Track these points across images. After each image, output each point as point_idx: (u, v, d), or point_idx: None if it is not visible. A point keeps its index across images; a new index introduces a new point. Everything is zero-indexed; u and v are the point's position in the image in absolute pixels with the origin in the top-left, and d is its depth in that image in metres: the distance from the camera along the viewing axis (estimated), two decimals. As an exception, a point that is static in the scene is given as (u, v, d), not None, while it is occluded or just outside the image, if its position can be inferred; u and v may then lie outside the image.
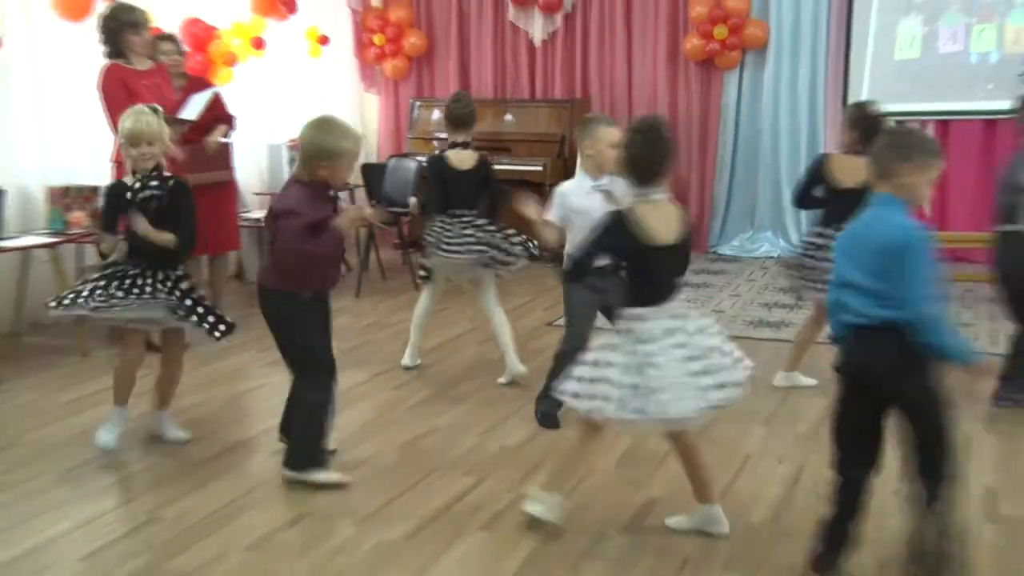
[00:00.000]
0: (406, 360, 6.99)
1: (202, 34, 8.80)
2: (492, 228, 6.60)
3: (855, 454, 3.93)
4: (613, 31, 10.94)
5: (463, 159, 6.60)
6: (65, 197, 7.32)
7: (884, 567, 4.09)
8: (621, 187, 5.55)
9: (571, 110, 10.24)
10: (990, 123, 9.82)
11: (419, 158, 10.15)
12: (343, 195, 6.74)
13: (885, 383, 3.84)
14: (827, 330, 6.40)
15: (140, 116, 5.26)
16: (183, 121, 7.20)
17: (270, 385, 6.29)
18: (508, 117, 10.61)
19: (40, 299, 7.43)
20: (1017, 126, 6.33)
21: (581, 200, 5.57)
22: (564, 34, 11.09)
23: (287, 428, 5.25)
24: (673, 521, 4.55)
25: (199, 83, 7.72)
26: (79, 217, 7.17)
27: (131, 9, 7.11)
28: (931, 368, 3.83)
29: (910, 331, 3.71)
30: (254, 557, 4.28)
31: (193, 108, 7.33)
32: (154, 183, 5.26)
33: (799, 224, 10.52)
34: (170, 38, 7.82)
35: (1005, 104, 9.29)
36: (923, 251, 3.72)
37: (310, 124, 5.04)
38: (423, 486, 4.98)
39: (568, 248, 5.62)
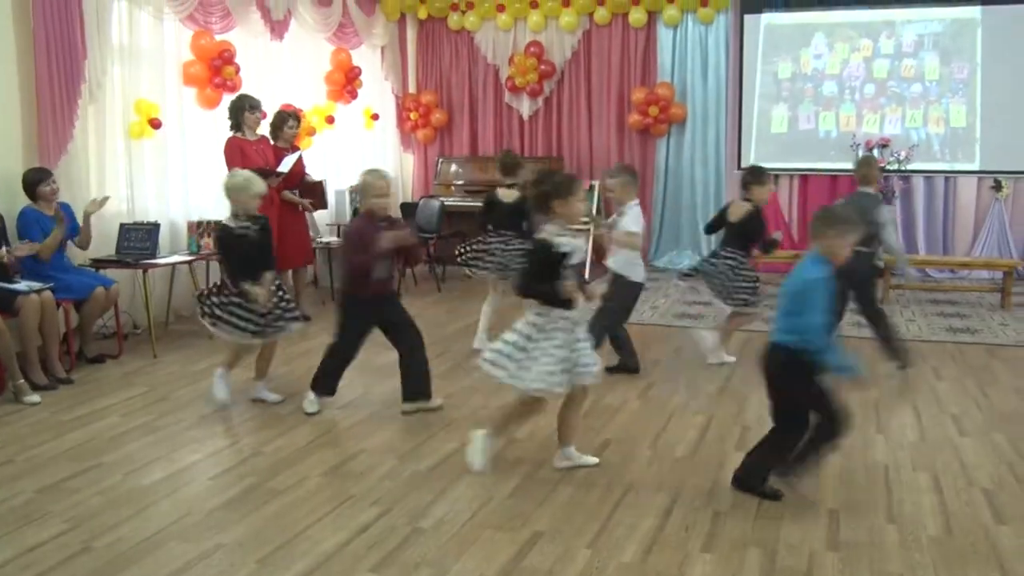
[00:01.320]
0: (476, 344, 6.75)
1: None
2: (516, 248, 6.68)
3: (777, 420, 4.13)
4: (579, 109, 11.12)
5: (508, 195, 6.91)
6: (199, 228, 7.43)
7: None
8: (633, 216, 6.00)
9: (549, 165, 10.37)
10: (833, 178, 10.11)
11: (442, 199, 10.40)
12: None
13: (773, 384, 4.09)
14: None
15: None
16: (280, 173, 7.47)
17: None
18: (504, 170, 10.80)
19: (182, 300, 7.78)
20: (854, 177, 6.65)
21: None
22: (544, 111, 11.26)
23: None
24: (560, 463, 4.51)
25: (290, 147, 7.95)
26: (208, 242, 7.30)
27: (250, 97, 7.50)
28: (813, 376, 3.96)
29: (807, 352, 3.88)
30: (328, 480, 4.44)
31: (285, 164, 7.58)
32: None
33: (709, 244, 10.75)
34: (294, 115, 8.08)
35: (843, 165, 9.64)
36: (819, 296, 3.86)
37: (364, 171, 5.39)
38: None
39: None
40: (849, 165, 9.94)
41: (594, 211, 9.52)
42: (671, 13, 10.43)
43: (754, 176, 6.41)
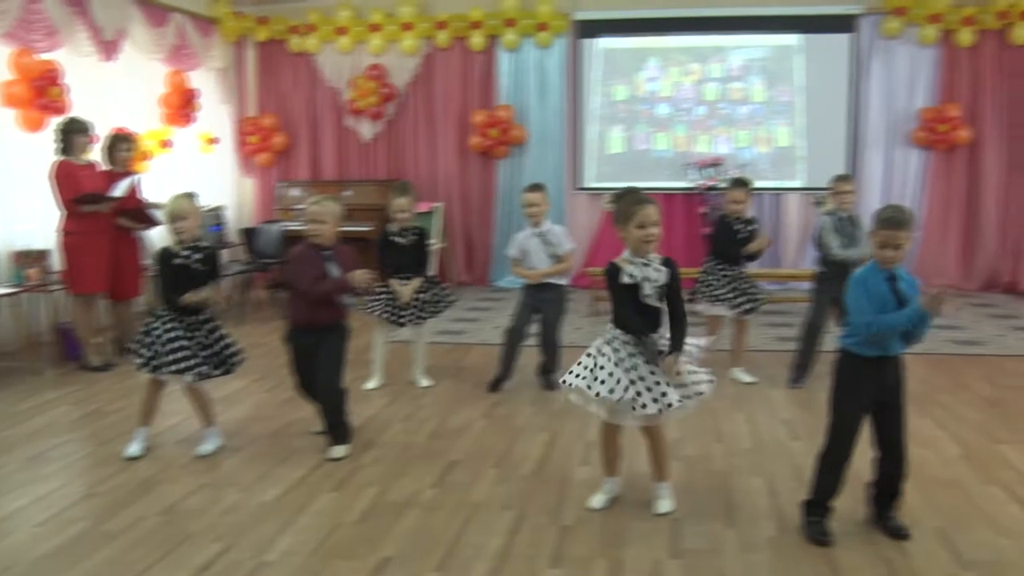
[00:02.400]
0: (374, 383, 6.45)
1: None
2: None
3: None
4: (420, 132, 11.10)
5: (404, 234, 6.35)
6: (25, 258, 7.05)
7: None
8: (556, 233, 6.21)
9: (389, 188, 10.23)
10: (669, 196, 10.34)
11: (283, 224, 10.19)
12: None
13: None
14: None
15: (176, 199, 5.03)
16: (112, 198, 7.12)
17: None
18: (347, 192, 10.65)
19: (7, 335, 7.30)
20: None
21: (527, 243, 6.18)
22: (386, 134, 11.18)
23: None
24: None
25: (124, 172, 7.57)
26: (32, 273, 6.95)
27: (79, 119, 7.12)
28: (837, 377, 3.94)
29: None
30: (166, 519, 4.24)
31: (118, 189, 7.22)
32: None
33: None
34: (128, 139, 7.63)
35: (678, 184, 9.95)
36: (849, 298, 3.81)
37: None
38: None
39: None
40: (683, 184, 10.38)
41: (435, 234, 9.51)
42: (510, 37, 10.57)
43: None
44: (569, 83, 10.79)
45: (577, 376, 4.13)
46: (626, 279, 3.98)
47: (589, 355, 4.15)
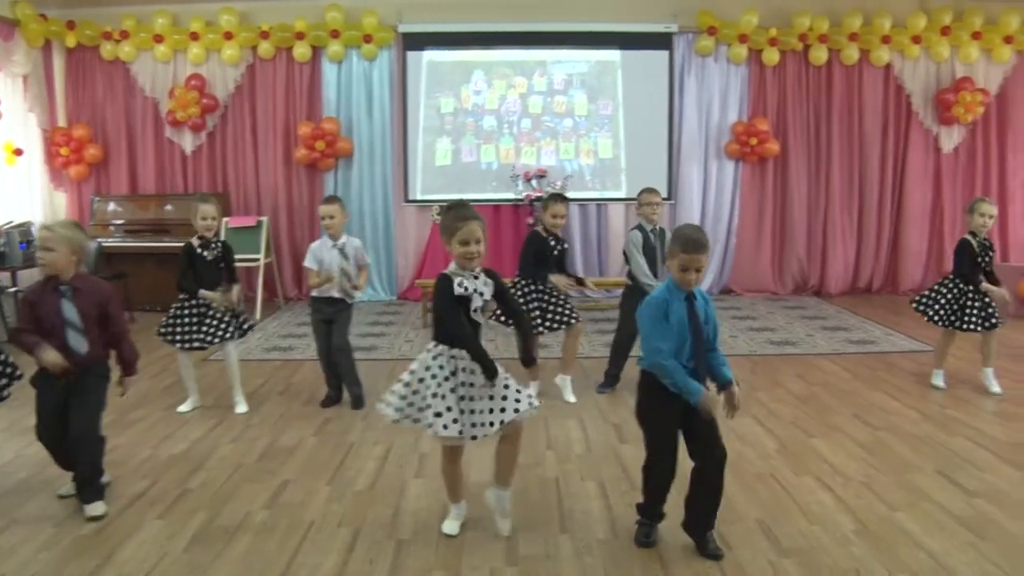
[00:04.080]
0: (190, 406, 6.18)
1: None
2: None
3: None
4: (244, 144, 10.79)
5: (209, 247, 6.01)
6: None
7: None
8: (354, 246, 6.12)
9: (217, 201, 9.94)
10: (496, 207, 10.52)
11: (100, 239, 9.73)
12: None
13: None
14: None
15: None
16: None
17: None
18: (168, 207, 10.29)
19: None
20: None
21: (324, 254, 6.02)
22: (208, 146, 10.81)
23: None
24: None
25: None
26: None
27: None
28: (643, 394, 3.90)
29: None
30: None
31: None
32: None
33: (381, 278, 10.86)
34: None
35: (505, 195, 10.08)
36: (645, 319, 3.80)
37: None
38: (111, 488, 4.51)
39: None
40: (510, 195, 10.52)
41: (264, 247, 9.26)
42: (335, 49, 10.44)
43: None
44: (396, 95, 10.76)
45: (399, 403, 4.01)
46: (460, 291, 3.87)
47: (413, 372, 4.01)
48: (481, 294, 3.93)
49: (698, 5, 10.63)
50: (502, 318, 5.92)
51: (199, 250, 5.99)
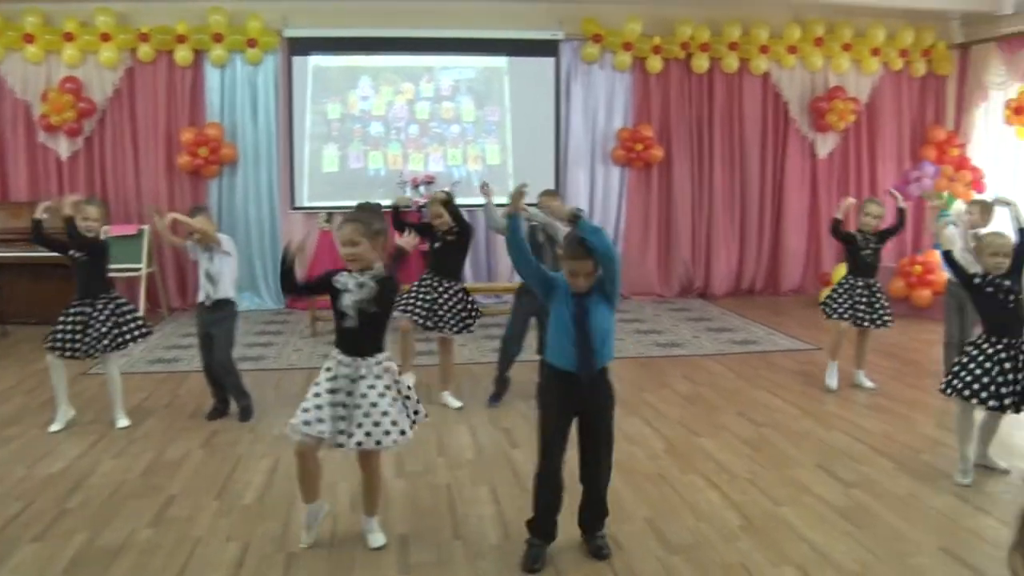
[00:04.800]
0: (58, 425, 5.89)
1: None
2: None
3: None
4: (124, 150, 10.40)
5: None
6: None
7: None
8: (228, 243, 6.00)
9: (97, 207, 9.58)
10: (386, 213, 10.05)
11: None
12: None
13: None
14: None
15: None
16: None
17: None
18: (43, 216, 9.87)
19: None
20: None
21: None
22: (85, 152, 10.39)
23: None
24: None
25: None
26: None
27: None
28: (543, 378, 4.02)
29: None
30: None
31: None
32: None
33: (267, 286, 10.68)
34: None
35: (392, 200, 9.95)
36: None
37: None
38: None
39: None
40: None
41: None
42: (218, 53, 10.21)
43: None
44: (282, 101, 10.58)
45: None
46: (335, 284, 3.93)
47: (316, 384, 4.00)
48: (353, 294, 3.87)
49: (583, 13, 10.77)
50: (419, 321, 6.31)
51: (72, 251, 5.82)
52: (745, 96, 11.29)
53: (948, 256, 5.16)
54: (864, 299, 6.73)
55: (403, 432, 3.93)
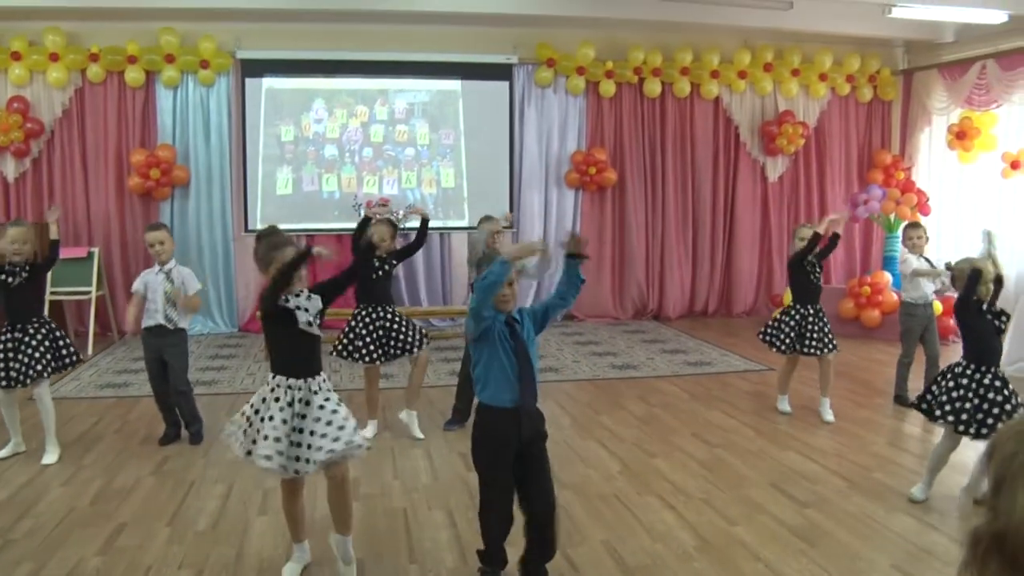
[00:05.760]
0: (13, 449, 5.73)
1: None
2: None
3: None
4: (73, 171, 10.25)
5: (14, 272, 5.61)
6: None
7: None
8: (182, 273, 5.99)
9: (39, 231, 9.44)
10: (339, 236, 10.25)
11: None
12: None
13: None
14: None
15: None
16: None
17: None
18: (-12, 237, 9.69)
19: None
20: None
21: (151, 278, 5.88)
22: (33, 174, 10.21)
23: None
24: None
25: None
26: None
27: None
28: (478, 431, 3.84)
29: None
30: None
31: None
32: None
33: (221, 310, 10.56)
34: None
35: (347, 224, 9.88)
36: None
37: None
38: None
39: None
40: (352, 225, 10.36)
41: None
42: (170, 74, 10.12)
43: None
44: (235, 123, 10.50)
45: (235, 432, 3.94)
46: (284, 303, 3.80)
47: (252, 404, 3.92)
48: (306, 310, 3.81)
49: (537, 38, 10.85)
50: (344, 353, 6.03)
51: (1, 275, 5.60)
52: (697, 120, 11.44)
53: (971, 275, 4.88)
54: (815, 327, 6.66)
55: (351, 442, 3.82)
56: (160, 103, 10.35)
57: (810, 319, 6.68)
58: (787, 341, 6.72)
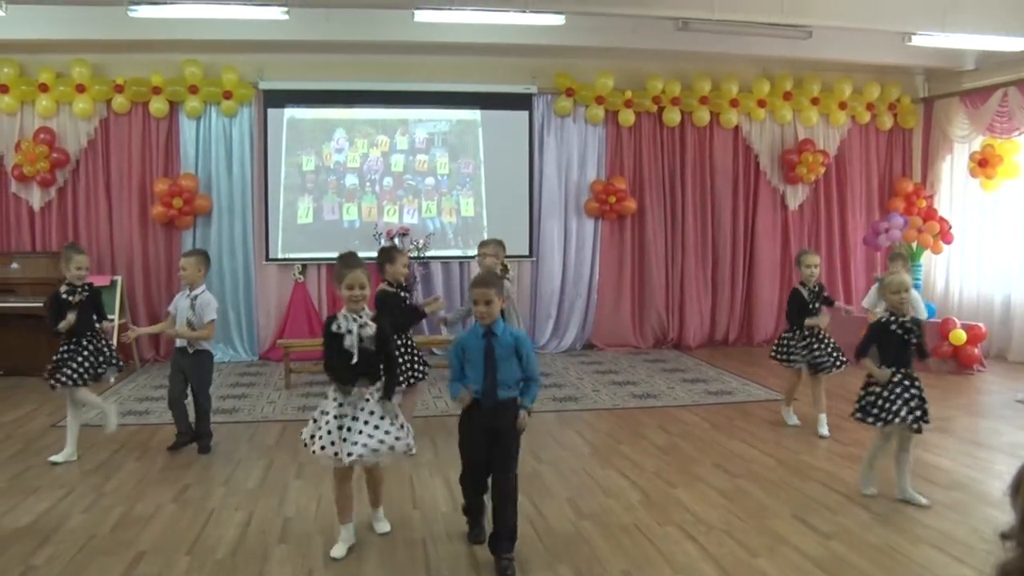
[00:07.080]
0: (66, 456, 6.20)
1: None
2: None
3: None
4: (97, 200, 10.37)
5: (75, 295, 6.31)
6: None
7: None
8: (203, 301, 6.38)
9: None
10: (363, 265, 10.28)
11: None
12: None
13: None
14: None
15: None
16: None
17: None
18: (14, 265, 9.77)
19: None
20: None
21: (180, 301, 6.39)
22: (58, 202, 10.34)
23: None
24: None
25: None
26: None
27: None
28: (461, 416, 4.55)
29: None
30: None
31: None
32: None
33: (242, 338, 10.60)
34: None
35: (368, 253, 9.93)
36: (450, 355, 4.63)
37: None
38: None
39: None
40: (372, 254, 10.43)
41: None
42: (193, 104, 10.23)
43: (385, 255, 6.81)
44: (257, 152, 10.59)
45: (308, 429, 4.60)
46: (334, 328, 4.41)
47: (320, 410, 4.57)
48: (352, 332, 4.40)
49: (556, 68, 10.91)
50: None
51: (64, 295, 6.23)
52: (716, 149, 11.45)
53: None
54: (821, 343, 7.01)
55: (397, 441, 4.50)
56: (183, 133, 10.47)
57: (814, 338, 7.06)
58: (796, 358, 7.09)
